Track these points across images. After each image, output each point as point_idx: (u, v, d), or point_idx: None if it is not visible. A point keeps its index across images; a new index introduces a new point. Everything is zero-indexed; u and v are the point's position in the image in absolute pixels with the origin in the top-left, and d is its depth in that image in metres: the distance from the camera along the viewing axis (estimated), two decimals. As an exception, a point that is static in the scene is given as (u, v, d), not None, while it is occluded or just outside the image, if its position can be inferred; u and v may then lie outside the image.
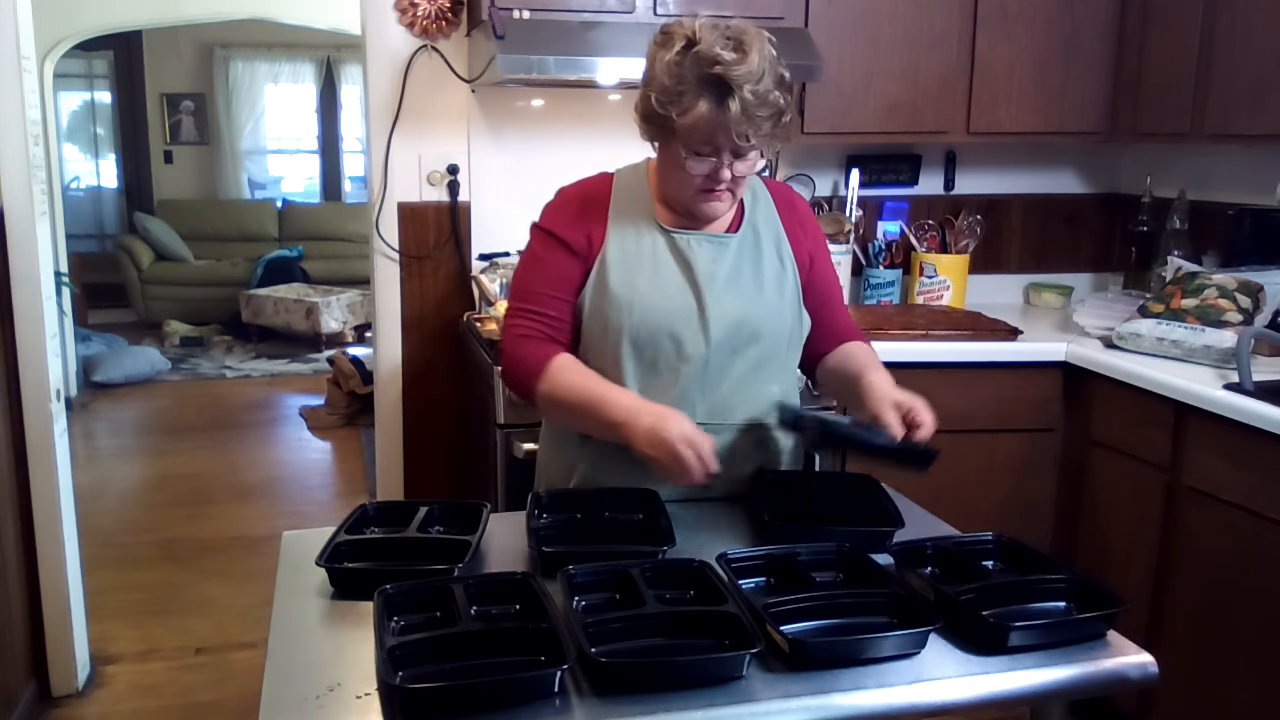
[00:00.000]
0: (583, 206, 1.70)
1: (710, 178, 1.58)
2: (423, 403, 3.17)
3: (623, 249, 1.66)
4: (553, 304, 1.67)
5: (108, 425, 5.80)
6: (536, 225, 1.73)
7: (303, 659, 1.20)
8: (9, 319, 2.68)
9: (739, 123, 1.50)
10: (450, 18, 2.98)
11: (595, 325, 1.67)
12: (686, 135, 1.54)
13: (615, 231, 1.67)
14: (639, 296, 1.63)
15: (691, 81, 1.50)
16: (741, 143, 1.52)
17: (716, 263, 1.66)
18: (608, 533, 1.51)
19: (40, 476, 2.77)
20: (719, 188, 1.59)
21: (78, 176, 9.16)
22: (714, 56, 1.48)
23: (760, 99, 1.50)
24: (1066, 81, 3.02)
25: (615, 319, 1.64)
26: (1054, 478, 2.82)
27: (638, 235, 1.67)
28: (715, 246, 1.67)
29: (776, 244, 1.72)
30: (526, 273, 1.72)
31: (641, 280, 1.64)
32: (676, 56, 1.51)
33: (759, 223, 1.72)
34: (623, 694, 1.10)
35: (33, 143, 2.68)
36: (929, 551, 1.43)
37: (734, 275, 1.67)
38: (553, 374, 1.63)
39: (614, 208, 1.69)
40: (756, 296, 1.68)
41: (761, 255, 1.70)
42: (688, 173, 1.58)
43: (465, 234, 3.11)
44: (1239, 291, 2.51)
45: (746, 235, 1.70)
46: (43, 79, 5.91)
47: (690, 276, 1.65)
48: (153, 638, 3.28)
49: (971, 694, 1.17)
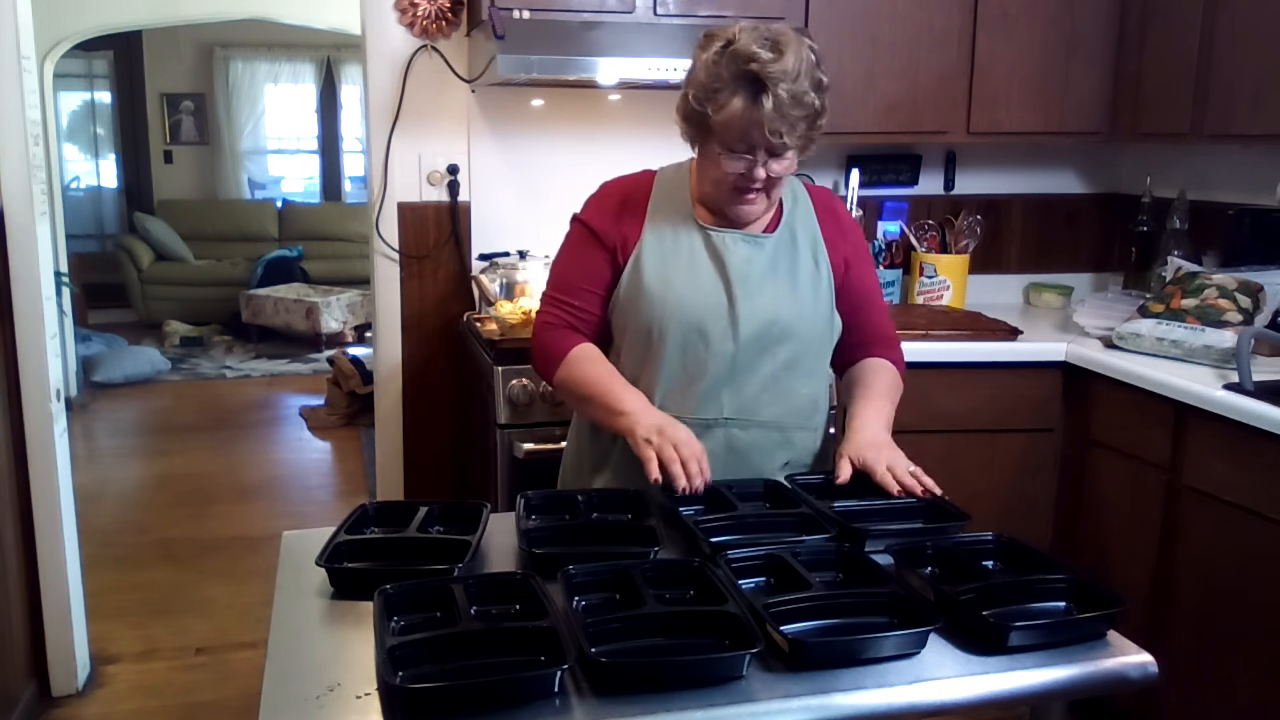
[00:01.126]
0: (623, 203, 1.75)
1: (745, 176, 1.61)
2: (423, 403, 3.17)
3: (660, 245, 1.70)
4: (582, 295, 1.74)
5: (108, 425, 5.80)
6: (576, 217, 1.79)
7: (303, 659, 1.20)
8: (9, 319, 2.69)
9: (772, 120, 1.53)
10: (450, 18, 2.98)
11: (629, 318, 1.71)
12: (722, 132, 1.57)
13: (653, 228, 1.71)
14: (671, 292, 1.68)
15: (728, 79, 1.54)
16: (775, 140, 1.55)
17: (751, 262, 1.69)
18: (597, 534, 1.51)
19: (40, 476, 2.77)
20: (754, 188, 1.62)
21: (78, 176, 9.16)
22: (750, 54, 1.52)
23: (795, 98, 1.53)
24: (1066, 81, 3.02)
25: (647, 313, 1.69)
26: (1054, 478, 2.82)
27: (675, 233, 1.71)
28: (751, 246, 1.70)
29: (813, 247, 1.74)
30: (562, 262, 1.79)
31: (675, 276, 1.68)
32: (715, 55, 1.56)
33: (797, 225, 1.74)
34: (623, 694, 1.10)
35: (33, 143, 2.68)
36: (929, 551, 1.43)
37: (768, 275, 1.70)
38: (571, 362, 1.70)
39: (653, 205, 1.74)
40: (790, 297, 1.70)
41: (797, 256, 1.72)
42: (724, 171, 1.61)
43: (465, 234, 3.12)
44: (1239, 291, 2.51)
45: (783, 236, 1.73)
46: (43, 79, 5.91)
47: (723, 274, 1.68)
48: (153, 638, 3.28)
49: (971, 694, 1.17)
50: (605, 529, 1.54)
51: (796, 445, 1.77)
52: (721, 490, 1.60)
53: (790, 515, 1.52)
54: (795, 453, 1.77)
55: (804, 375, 1.75)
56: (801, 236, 1.74)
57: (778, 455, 1.75)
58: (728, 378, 1.70)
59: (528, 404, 2.51)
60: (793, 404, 1.75)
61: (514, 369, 2.51)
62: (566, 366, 1.70)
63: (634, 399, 1.65)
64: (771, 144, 1.56)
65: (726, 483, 1.64)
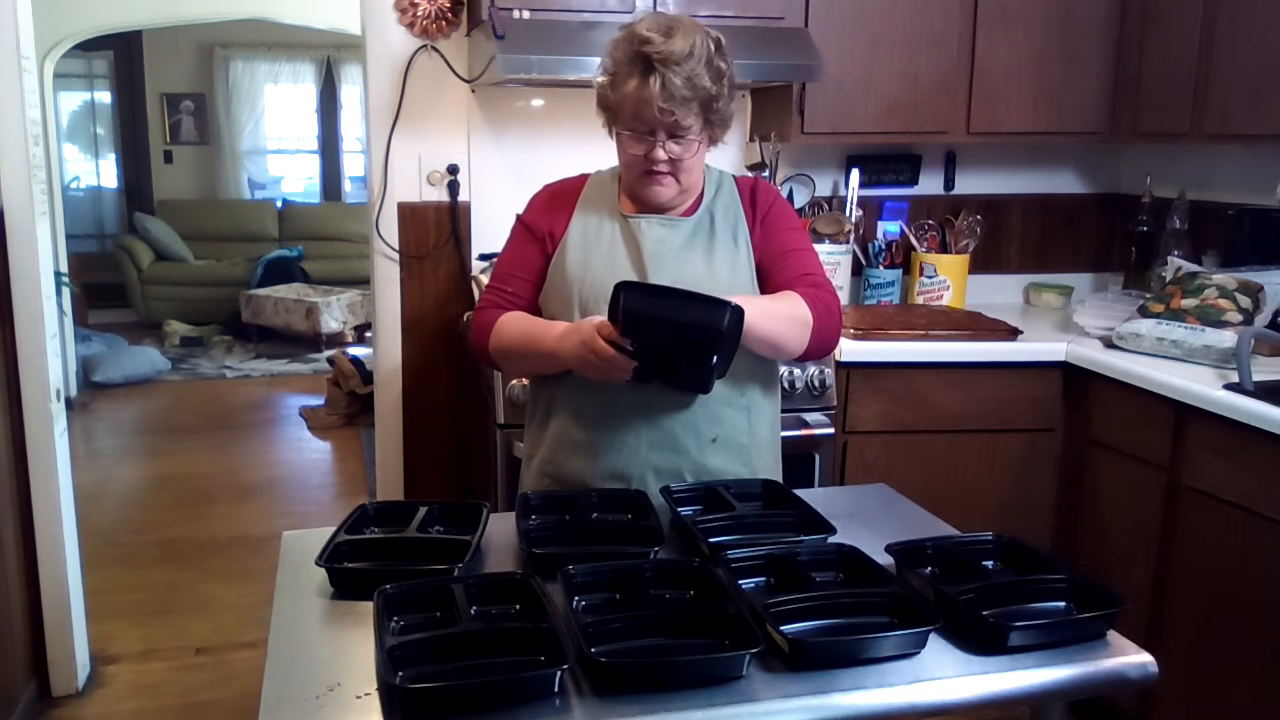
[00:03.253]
0: (552, 199, 1.86)
1: (647, 158, 1.68)
2: (423, 403, 3.17)
3: (584, 234, 1.79)
4: (514, 282, 1.83)
5: (108, 425, 5.80)
6: (517, 215, 1.91)
7: (303, 659, 1.20)
8: (9, 319, 2.69)
9: (661, 98, 1.61)
10: (450, 18, 2.98)
11: (554, 301, 1.79)
12: (619, 111, 1.68)
13: (579, 220, 1.81)
14: (589, 274, 1.75)
15: (623, 60, 1.65)
16: (667, 119, 1.63)
17: (664, 243, 1.76)
18: (598, 534, 1.51)
19: (40, 476, 2.77)
20: (658, 169, 1.70)
21: (78, 176, 9.16)
22: (643, 37, 1.62)
23: (686, 80, 1.61)
24: (1066, 81, 3.02)
25: (567, 294, 1.76)
26: (1054, 478, 2.82)
27: (599, 222, 1.80)
28: (666, 228, 1.77)
29: (733, 227, 1.79)
30: (501, 257, 1.91)
31: (595, 260, 1.76)
32: (617, 40, 1.68)
33: (716, 209, 1.80)
34: (623, 694, 1.10)
35: (33, 143, 2.68)
36: (929, 551, 1.43)
37: (682, 254, 1.76)
38: (498, 330, 1.78)
39: (582, 199, 1.83)
40: (705, 274, 1.74)
41: (715, 237, 1.78)
42: (629, 153, 1.70)
43: (465, 234, 3.11)
44: (1239, 291, 2.51)
45: (702, 219, 1.79)
46: (43, 79, 5.91)
47: (637, 255, 1.75)
48: (153, 638, 3.28)
49: (971, 694, 1.17)
50: (605, 529, 1.54)
51: (725, 422, 1.75)
52: (720, 490, 1.60)
53: (790, 515, 1.52)
54: (724, 429, 1.75)
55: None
56: (720, 218, 1.79)
57: (703, 430, 1.74)
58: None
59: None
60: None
61: (514, 369, 2.51)
62: (495, 335, 1.78)
63: (553, 335, 1.68)
64: (666, 124, 1.64)
65: (724, 483, 1.64)
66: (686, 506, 1.58)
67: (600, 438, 1.73)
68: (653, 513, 1.55)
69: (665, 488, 1.62)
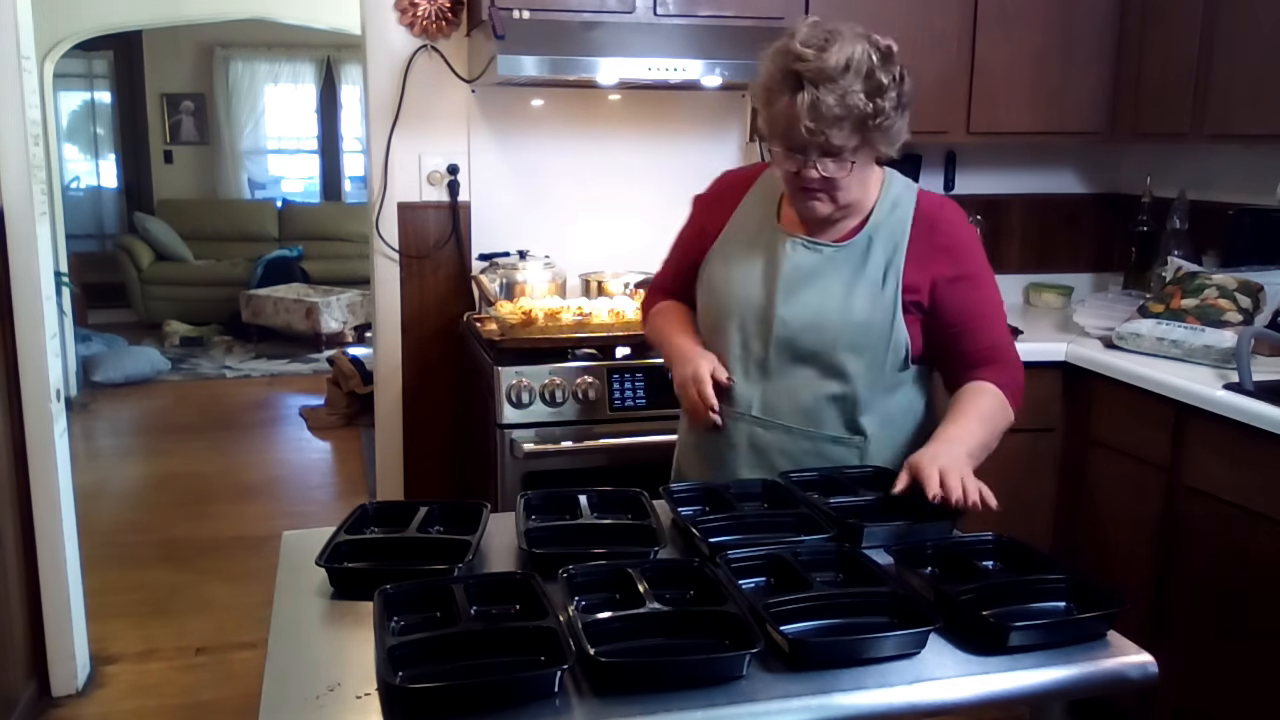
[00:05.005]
0: (722, 190, 1.85)
1: (798, 175, 1.60)
2: (423, 403, 3.17)
3: (735, 238, 1.77)
4: (673, 265, 1.93)
5: (108, 425, 5.80)
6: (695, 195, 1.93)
7: (303, 659, 1.20)
8: (9, 319, 2.69)
9: (809, 118, 1.51)
10: (450, 18, 2.98)
11: (700, 294, 1.83)
12: (770, 130, 1.60)
13: (736, 222, 1.79)
14: (719, 284, 1.76)
15: (776, 77, 1.56)
16: (817, 140, 1.53)
17: (800, 269, 1.68)
18: (598, 534, 1.51)
19: (40, 476, 2.77)
20: (812, 188, 1.61)
21: (78, 176, 9.16)
22: (796, 52, 1.53)
23: (838, 98, 1.51)
24: (1066, 81, 3.02)
25: (708, 299, 1.80)
26: (1054, 478, 2.82)
27: (752, 232, 1.76)
28: (810, 252, 1.68)
29: (889, 259, 1.66)
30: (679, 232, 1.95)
31: (735, 271, 1.74)
32: (772, 51, 1.58)
33: (878, 235, 1.67)
34: (623, 694, 1.10)
35: (33, 143, 2.68)
36: (929, 551, 1.43)
37: (821, 283, 1.67)
38: (651, 317, 1.94)
39: (748, 198, 1.80)
40: (840, 307, 1.65)
41: (865, 267, 1.66)
42: (781, 168, 1.63)
43: (465, 234, 3.11)
44: (1239, 291, 2.51)
45: (856, 245, 1.67)
46: (43, 79, 5.91)
47: (773, 277, 1.69)
48: (153, 638, 3.28)
49: (971, 694, 1.17)
50: (605, 529, 1.53)
51: (831, 459, 1.71)
52: (720, 490, 1.60)
53: (790, 515, 1.52)
54: (823, 464, 1.70)
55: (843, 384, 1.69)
56: (879, 246, 1.67)
57: (806, 464, 1.70)
58: (758, 376, 1.72)
59: (528, 404, 2.51)
60: (823, 414, 1.70)
61: (514, 369, 2.51)
62: (649, 322, 1.94)
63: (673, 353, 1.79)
64: (813, 143, 1.54)
65: (725, 483, 1.64)
66: (686, 506, 1.58)
67: (708, 443, 1.80)
68: (653, 513, 1.55)
69: (666, 487, 1.62)
